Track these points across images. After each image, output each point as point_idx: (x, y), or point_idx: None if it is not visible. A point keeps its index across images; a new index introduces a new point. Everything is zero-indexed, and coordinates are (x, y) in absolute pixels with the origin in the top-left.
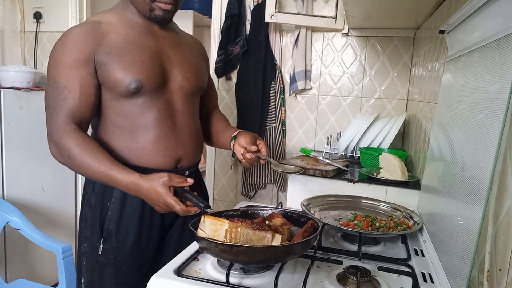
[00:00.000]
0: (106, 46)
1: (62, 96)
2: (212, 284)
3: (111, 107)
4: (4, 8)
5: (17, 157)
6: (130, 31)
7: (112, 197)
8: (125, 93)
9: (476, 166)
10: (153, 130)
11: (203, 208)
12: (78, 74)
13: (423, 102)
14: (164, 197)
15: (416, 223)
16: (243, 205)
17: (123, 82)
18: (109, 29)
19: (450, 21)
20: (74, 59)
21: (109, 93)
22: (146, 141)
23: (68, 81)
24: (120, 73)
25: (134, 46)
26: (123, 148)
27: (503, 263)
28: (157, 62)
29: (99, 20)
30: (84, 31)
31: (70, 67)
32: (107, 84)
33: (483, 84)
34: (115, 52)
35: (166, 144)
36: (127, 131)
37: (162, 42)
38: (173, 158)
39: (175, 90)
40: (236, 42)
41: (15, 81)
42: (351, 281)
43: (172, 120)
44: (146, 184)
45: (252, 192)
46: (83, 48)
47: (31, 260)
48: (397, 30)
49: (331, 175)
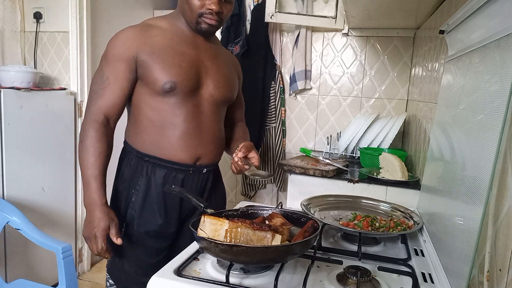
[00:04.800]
0: (151, 46)
1: (103, 85)
2: (212, 284)
3: (146, 102)
4: (4, 8)
5: (17, 157)
6: (175, 38)
7: (137, 185)
8: (160, 91)
9: (476, 166)
10: (179, 128)
11: (203, 208)
12: (120, 68)
13: (423, 102)
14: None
15: (416, 223)
16: (243, 205)
17: (160, 81)
18: (157, 32)
19: (450, 21)
20: (120, 54)
21: (145, 88)
22: (172, 136)
23: (110, 73)
24: (158, 72)
25: (176, 52)
26: (151, 140)
27: (503, 263)
28: (193, 69)
29: (151, 24)
30: (134, 32)
31: (114, 61)
32: (145, 80)
33: (483, 84)
34: (158, 53)
35: (189, 142)
36: (157, 125)
37: (202, 52)
38: (193, 156)
39: (206, 96)
40: (236, 42)
41: (15, 81)
42: (351, 281)
43: (198, 122)
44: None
45: (252, 192)
46: (129, 46)
47: (31, 260)
48: (397, 30)
49: (331, 175)
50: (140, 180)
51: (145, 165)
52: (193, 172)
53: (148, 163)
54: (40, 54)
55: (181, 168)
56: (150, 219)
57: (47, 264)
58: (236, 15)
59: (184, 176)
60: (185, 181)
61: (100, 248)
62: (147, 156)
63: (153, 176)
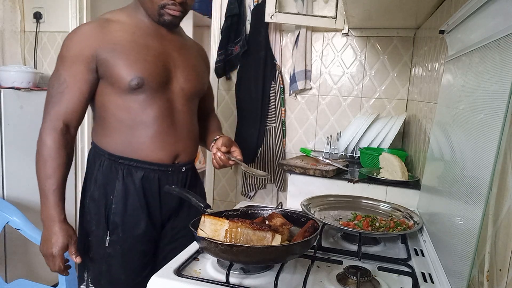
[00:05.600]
0: (111, 43)
1: (61, 88)
2: (212, 284)
3: (112, 101)
4: (4, 8)
5: (17, 157)
6: (137, 31)
7: (115, 190)
8: (126, 89)
9: (476, 166)
10: (152, 126)
11: (203, 208)
12: (77, 69)
13: (423, 102)
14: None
15: (416, 223)
16: (243, 205)
17: (126, 78)
18: (117, 27)
19: (450, 21)
20: (77, 54)
21: (110, 88)
22: (146, 136)
23: (68, 75)
24: (123, 69)
25: (140, 46)
26: (122, 141)
27: (503, 263)
28: (160, 63)
29: (109, 18)
30: (92, 29)
31: (72, 62)
32: (109, 79)
33: (483, 84)
34: (120, 49)
35: (165, 140)
36: (128, 125)
37: (167, 44)
38: (171, 154)
39: (176, 90)
40: (236, 42)
41: (15, 81)
42: (351, 281)
43: (172, 118)
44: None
45: (252, 192)
46: (86, 44)
47: (31, 260)
48: (397, 30)
49: (331, 175)
50: (116, 184)
51: (120, 167)
52: (172, 172)
53: (122, 165)
54: (40, 54)
55: (160, 168)
56: (134, 224)
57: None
58: (236, 15)
59: (161, 176)
60: (163, 182)
61: (58, 267)
62: (121, 159)
63: (129, 179)
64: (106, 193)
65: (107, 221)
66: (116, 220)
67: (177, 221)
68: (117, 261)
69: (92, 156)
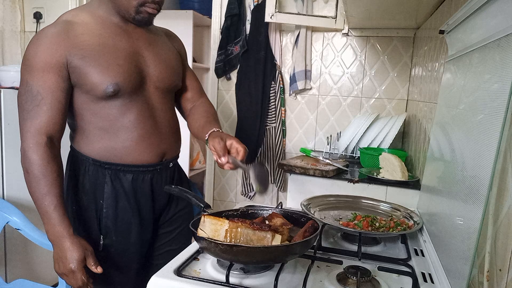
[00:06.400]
0: (80, 49)
1: (36, 102)
2: (212, 284)
3: (88, 109)
4: (4, 8)
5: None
6: (104, 32)
7: (104, 193)
8: (103, 96)
9: (476, 166)
10: (135, 130)
11: (203, 208)
12: (50, 79)
13: (423, 102)
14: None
15: (416, 223)
16: (243, 205)
17: (101, 86)
18: (83, 30)
19: (450, 21)
20: (46, 62)
21: (85, 95)
22: (130, 139)
23: (41, 87)
24: (97, 77)
25: (109, 49)
26: (105, 148)
27: (503, 263)
28: (133, 64)
29: (71, 20)
30: (56, 33)
31: (42, 71)
32: (83, 87)
33: (483, 84)
34: (90, 55)
35: (150, 142)
36: (108, 132)
37: (136, 42)
38: (158, 154)
39: (152, 90)
40: (236, 42)
41: (15, 81)
42: (351, 281)
43: (153, 118)
44: (73, 241)
45: (252, 192)
46: (55, 51)
47: (31, 260)
48: (397, 30)
49: (331, 175)
50: (105, 188)
51: (107, 172)
52: (160, 170)
53: (109, 170)
54: None
55: (149, 169)
56: (127, 226)
57: (47, 264)
58: (236, 15)
59: (152, 176)
60: (154, 180)
61: (81, 282)
62: (107, 164)
63: (118, 182)
64: (96, 198)
65: (99, 226)
66: (109, 223)
67: (169, 215)
68: (111, 264)
69: (74, 162)
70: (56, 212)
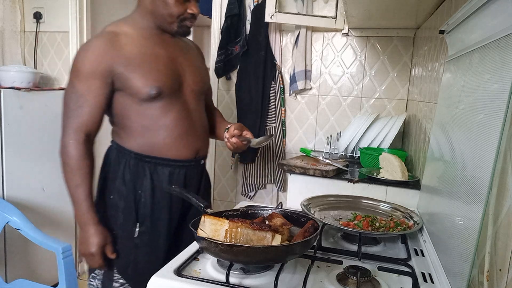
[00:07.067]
0: (124, 58)
1: (79, 103)
2: (212, 284)
3: (133, 109)
4: (4, 8)
5: (17, 157)
6: (144, 42)
7: (143, 185)
8: (146, 98)
9: (476, 166)
10: (175, 128)
11: (203, 208)
12: (94, 84)
13: (423, 102)
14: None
15: (416, 223)
16: (243, 205)
17: (144, 89)
18: (126, 40)
19: (450, 21)
20: (93, 69)
21: (130, 98)
22: (170, 137)
23: (85, 90)
24: (140, 81)
25: (150, 57)
26: (147, 143)
27: (503, 263)
28: (171, 69)
29: (116, 31)
30: (104, 44)
31: (88, 77)
32: (128, 91)
33: (483, 84)
34: (134, 63)
35: (187, 139)
36: (150, 130)
37: (172, 50)
38: (194, 150)
39: (188, 92)
40: (236, 42)
41: (15, 81)
42: (351, 281)
43: (190, 118)
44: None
45: (252, 192)
46: (101, 60)
47: (31, 260)
48: (397, 30)
49: (331, 175)
50: (144, 180)
51: (146, 165)
52: (193, 166)
53: (149, 163)
54: (40, 54)
55: (184, 164)
56: (160, 215)
57: (47, 264)
58: (236, 15)
59: (186, 171)
60: (187, 175)
61: (98, 264)
62: (148, 157)
63: (155, 175)
64: (135, 189)
65: (136, 214)
66: (145, 212)
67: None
68: (144, 250)
69: (115, 156)
70: (86, 202)
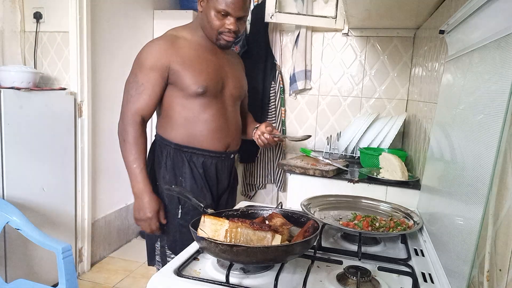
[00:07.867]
0: (181, 57)
1: (139, 90)
2: (212, 284)
3: (179, 102)
4: (4, 8)
5: (17, 157)
6: (198, 47)
7: (183, 172)
8: (193, 94)
9: (476, 166)
10: (212, 123)
11: (203, 208)
12: (153, 76)
13: (423, 102)
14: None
15: (416, 223)
16: (243, 205)
17: (193, 86)
18: (183, 43)
19: (450, 21)
20: (153, 64)
21: (179, 92)
22: (207, 130)
23: (145, 80)
24: (191, 79)
25: (202, 60)
26: (186, 134)
27: (503, 263)
28: (218, 74)
29: (176, 35)
30: (165, 44)
31: (149, 69)
32: (179, 86)
33: (483, 84)
34: (188, 63)
35: (220, 134)
36: (191, 122)
37: (220, 59)
38: (225, 144)
39: (227, 95)
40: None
41: (15, 81)
42: (351, 281)
43: (225, 116)
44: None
45: (252, 192)
46: (161, 57)
47: (31, 260)
48: (397, 30)
49: (331, 175)
50: (183, 167)
51: (184, 155)
52: (224, 158)
53: (186, 153)
54: (40, 54)
55: (216, 155)
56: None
57: (47, 264)
58: None
59: (217, 161)
60: (218, 165)
61: (155, 227)
62: (186, 147)
63: (192, 163)
64: (176, 175)
65: (178, 198)
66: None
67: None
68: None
69: (158, 146)
70: (141, 173)
